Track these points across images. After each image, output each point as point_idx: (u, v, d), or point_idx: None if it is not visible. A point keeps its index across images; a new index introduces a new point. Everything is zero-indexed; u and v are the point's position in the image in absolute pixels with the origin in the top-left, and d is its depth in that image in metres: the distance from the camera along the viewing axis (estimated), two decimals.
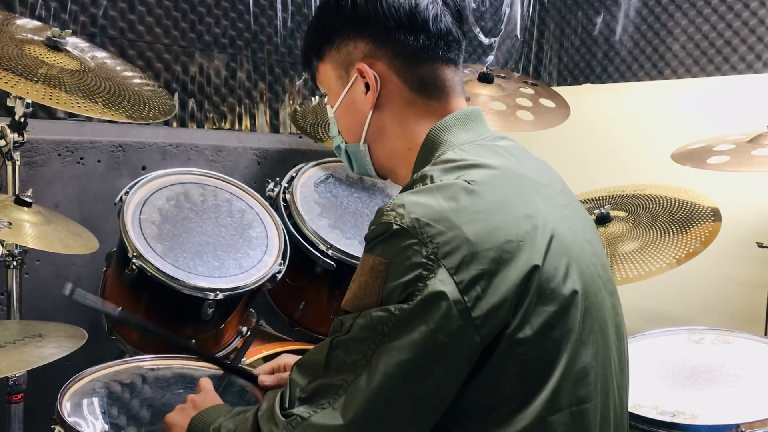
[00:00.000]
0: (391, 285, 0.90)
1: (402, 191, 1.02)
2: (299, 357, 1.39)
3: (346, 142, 1.18)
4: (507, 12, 3.48)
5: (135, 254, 1.65)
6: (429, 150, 1.08)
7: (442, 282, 0.88)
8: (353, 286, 0.96)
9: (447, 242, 0.89)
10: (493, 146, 1.07)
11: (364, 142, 1.15)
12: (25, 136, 1.72)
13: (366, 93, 1.10)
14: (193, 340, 1.77)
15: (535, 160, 1.12)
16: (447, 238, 0.90)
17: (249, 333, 1.91)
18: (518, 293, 0.90)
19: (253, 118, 2.67)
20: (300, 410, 0.93)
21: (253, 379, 1.36)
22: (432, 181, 0.97)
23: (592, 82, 3.38)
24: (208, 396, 1.23)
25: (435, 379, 0.90)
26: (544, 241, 0.94)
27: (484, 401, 0.92)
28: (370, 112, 1.11)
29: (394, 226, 0.91)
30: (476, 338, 0.89)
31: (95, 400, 1.38)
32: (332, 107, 1.17)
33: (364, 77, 1.10)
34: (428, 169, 1.01)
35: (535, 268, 0.92)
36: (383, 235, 0.93)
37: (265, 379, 1.36)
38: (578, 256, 0.99)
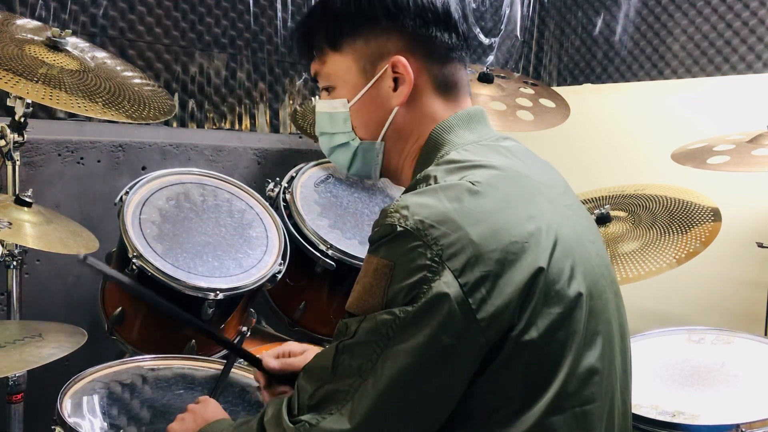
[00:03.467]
0: (395, 287, 0.90)
1: (405, 192, 1.01)
2: (304, 345, 1.39)
3: (361, 139, 1.13)
4: (507, 12, 3.48)
5: (135, 254, 1.65)
6: (432, 150, 1.07)
7: (447, 284, 0.88)
8: (357, 288, 0.95)
9: (451, 244, 0.89)
10: (497, 147, 1.07)
11: (381, 140, 1.11)
12: (25, 136, 1.72)
13: (394, 88, 1.07)
14: (194, 341, 1.77)
15: (538, 160, 1.12)
16: (451, 239, 0.89)
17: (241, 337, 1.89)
18: (523, 295, 0.90)
19: (253, 118, 2.67)
20: (308, 417, 0.93)
21: (257, 362, 1.34)
22: (436, 182, 0.97)
23: (592, 82, 3.38)
24: (209, 405, 1.22)
25: (441, 381, 0.90)
26: (548, 243, 0.94)
27: (487, 402, 0.92)
28: (395, 109, 1.08)
29: (398, 228, 0.91)
30: (481, 340, 0.89)
31: (95, 400, 1.38)
32: (349, 101, 1.10)
33: (396, 72, 1.06)
34: (432, 170, 1.00)
35: (540, 270, 0.91)
36: (387, 236, 0.92)
37: (270, 362, 1.32)
38: (582, 258, 0.99)
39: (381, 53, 1.07)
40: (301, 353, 1.35)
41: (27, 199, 1.62)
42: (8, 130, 1.69)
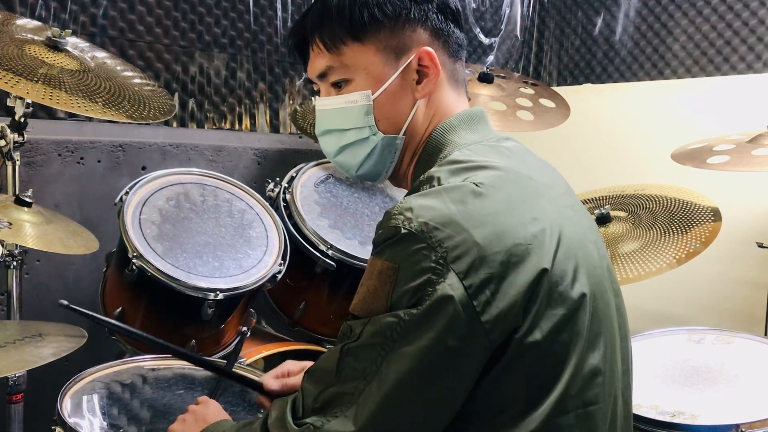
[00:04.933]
0: (400, 290, 0.90)
1: (408, 193, 1.01)
2: (303, 363, 1.39)
3: (384, 133, 1.09)
4: (507, 12, 3.48)
5: (135, 254, 1.65)
6: (434, 150, 1.07)
7: (452, 286, 0.88)
8: (361, 290, 0.95)
9: (456, 246, 0.89)
10: (498, 147, 1.07)
11: (403, 134, 1.09)
12: (25, 136, 1.72)
13: (418, 81, 1.07)
14: (194, 341, 1.77)
15: (539, 161, 1.12)
16: (456, 242, 0.89)
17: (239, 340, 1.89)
18: (527, 297, 0.90)
19: (253, 118, 2.66)
20: (313, 419, 0.93)
21: (257, 386, 1.35)
22: (439, 183, 0.96)
23: (592, 82, 3.38)
24: (209, 406, 1.22)
25: (445, 383, 0.90)
26: (552, 245, 0.94)
27: (491, 403, 0.92)
28: (418, 102, 1.08)
29: (403, 231, 0.91)
30: (486, 342, 0.89)
31: (95, 400, 1.38)
32: (373, 93, 1.07)
33: (422, 65, 1.06)
34: (435, 170, 1.00)
35: (544, 272, 0.91)
36: (391, 239, 0.92)
37: (270, 384, 1.34)
38: (585, 258, 0.99)
39: (405, 45, 1.07)
40: (300, 372, 1.35)
41: (27, 199, 1.62)
42: (8, 130, 1.69)
